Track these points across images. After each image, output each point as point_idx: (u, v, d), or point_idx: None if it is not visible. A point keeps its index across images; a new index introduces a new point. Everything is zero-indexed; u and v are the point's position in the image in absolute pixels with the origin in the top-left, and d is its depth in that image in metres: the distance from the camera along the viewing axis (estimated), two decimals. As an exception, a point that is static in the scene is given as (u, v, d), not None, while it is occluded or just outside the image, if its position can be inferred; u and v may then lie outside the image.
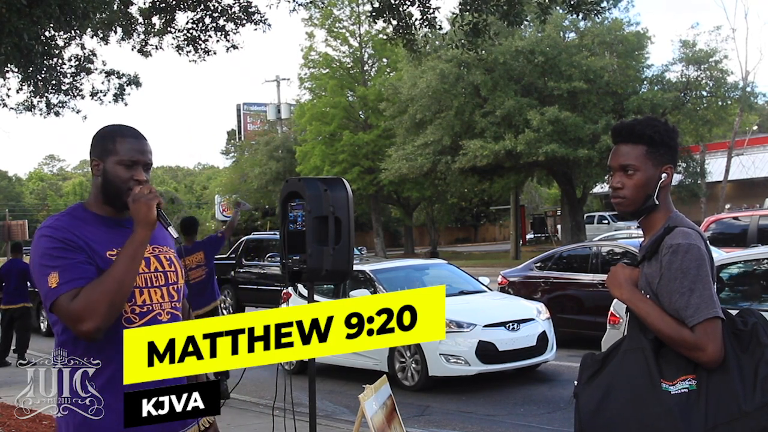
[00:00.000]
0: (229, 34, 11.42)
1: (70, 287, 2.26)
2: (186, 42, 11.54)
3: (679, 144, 2.44)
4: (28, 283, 11.88)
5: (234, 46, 11.53)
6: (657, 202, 2.34)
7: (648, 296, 2.27)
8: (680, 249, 2.19)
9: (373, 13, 10.19)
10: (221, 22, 11.32)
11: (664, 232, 2.27)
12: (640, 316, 2.24)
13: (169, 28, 11.52)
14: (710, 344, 2.12)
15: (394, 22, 10.08)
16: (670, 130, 2.35)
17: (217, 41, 11.57)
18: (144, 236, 2.38)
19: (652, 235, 2.34)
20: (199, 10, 11.22)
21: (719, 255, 7.57)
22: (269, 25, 11.56)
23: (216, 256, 8.91)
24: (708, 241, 2.31)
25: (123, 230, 2.47)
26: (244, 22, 11.31)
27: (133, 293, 2.39)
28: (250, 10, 11.24)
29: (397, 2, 9.94)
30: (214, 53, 11.82)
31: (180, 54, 11.74)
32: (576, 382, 2.37)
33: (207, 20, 11.33)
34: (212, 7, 11.21)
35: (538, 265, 11.99)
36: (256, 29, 11.58)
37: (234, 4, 11.24)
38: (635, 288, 2.31)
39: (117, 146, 2.47)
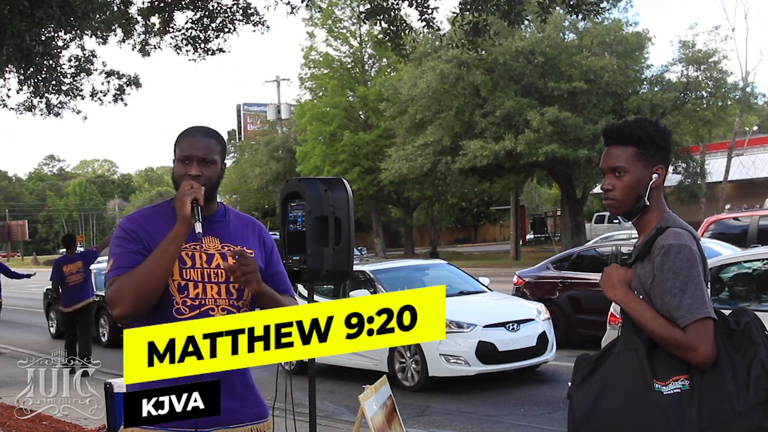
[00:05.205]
0: (222, 35, 11.41)
1: (112, 274, 2.43)
2: (185, 41, 11.54)
3: (671, 144, 2.43)
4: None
5: (220, 50, 11.54)
6: (648, 203, 2.34)
7: (641, 297, 2.27)
8: (672, 249, 2.19)
9: (364, 15, 10.16)
10: (218, 23, 11.31)
11: (656, 232, 2.27)
12: (633, 317, 2.25)
13: (168, 28, 11.52)
14: (702, 345, 2.12)
15: (385, 25, 10.04)
16: (661, 130, 2.34)
17: (210, 42, 11.57)
18: (177, 231, 2.45)
19: (644, 236, 2.35)
20: (197, 10, 11.22)
21: (733, 252, 7.51)
22: (268, 26, 11.55)
23: None
24: (700, 241, 2.31)
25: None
26: (242, 23, 11.29)
27: (186, 286, 2.47)
28: (248, 11, 11.23)
29: (389, 5, 9.91)
30: (214, 52, 11.82)
31: (179, 53, 11.75)
32: (570, 384, 2.37)
33: (206, 21, 11.32)
34: (211, 8, 11.20)
35: (554, 264, 11.92)
36: (254, 30, 11.58)
37: (233, 5, 11.23)
38: (628, 289, 2.31)
39: (177, 146, 2.59)
